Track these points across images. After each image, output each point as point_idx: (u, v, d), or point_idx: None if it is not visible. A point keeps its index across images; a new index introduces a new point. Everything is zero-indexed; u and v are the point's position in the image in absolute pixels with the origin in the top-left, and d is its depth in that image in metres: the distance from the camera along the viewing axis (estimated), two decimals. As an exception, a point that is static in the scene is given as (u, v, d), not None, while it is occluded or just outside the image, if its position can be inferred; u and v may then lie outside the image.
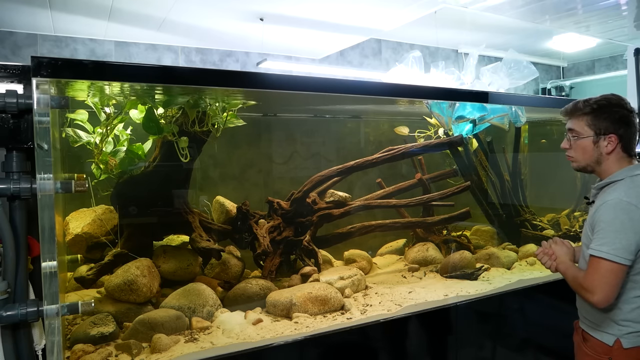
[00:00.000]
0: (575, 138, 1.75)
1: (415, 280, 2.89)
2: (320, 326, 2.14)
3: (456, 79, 3.18)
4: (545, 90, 8.08)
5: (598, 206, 1.66)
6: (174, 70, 1.97)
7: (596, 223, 1.64)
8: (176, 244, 2.62)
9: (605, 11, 5.12)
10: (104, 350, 1.88)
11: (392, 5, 4.40)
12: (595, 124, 1.71)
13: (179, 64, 5.49)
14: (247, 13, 4.52)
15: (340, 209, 2.95)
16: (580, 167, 1.80)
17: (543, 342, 2.75)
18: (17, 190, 1.42)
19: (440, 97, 2.70)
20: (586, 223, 1.76)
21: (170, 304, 2.17)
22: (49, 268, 1.47)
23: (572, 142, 1.77)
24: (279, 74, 2.09)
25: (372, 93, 2.24)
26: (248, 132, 2.92)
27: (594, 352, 1.71)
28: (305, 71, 5.91)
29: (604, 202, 1.64)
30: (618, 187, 1.66)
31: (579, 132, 1.75)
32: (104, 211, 2.50)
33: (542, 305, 2.74)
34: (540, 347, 2.76)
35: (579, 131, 1.75)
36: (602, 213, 1.62)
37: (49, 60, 1.45)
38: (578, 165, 1.79)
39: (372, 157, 2.98)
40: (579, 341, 1.81)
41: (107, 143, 2.33)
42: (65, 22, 4.62)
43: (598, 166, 1.75)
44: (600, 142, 1.71)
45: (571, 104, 1.78)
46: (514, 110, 3.12)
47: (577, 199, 3.95)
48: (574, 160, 1.79)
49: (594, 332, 1.73)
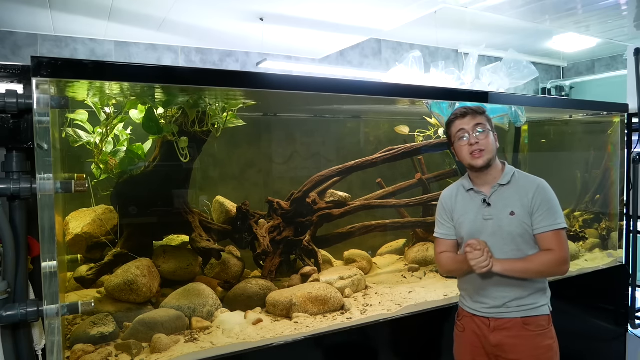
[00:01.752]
0: (484, 132, 1.84)
1: (415, 280, 2.89)
2: (320, 326, 2.14)
3: (456, 79, 3.18)
4: (545, 90, 8.08)
5: (527, 191, 1.82)
6: (174, 70, 1.97)
7: (540, 205, 1.79)
8: (176, 244, 2.61)
9: (605, 11, 5.12)
10: (104, 350, 1.88)
11: (392, 5, 4.40)
12: (491, 122, 1.89)
13: (179, 64, 5.49)
14: (247, 13, 4.52)
15: (340, 209, 2.95)
16: (489, 160, 1.84)
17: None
18: (17, 190, 1.42)
19: (440, 97, 2.70)
20: (510, 211, 1.83)
21: (170, 304, 2.17)
22: (49, 268, 1.46)
23: (479, 135, 1.83)
24: (279, 74, 2.08)
25: (372, 93, 2.23)
26: (248, 132, 2.92)
27: (540, 329, 1.83)
28: (305, 71, 5.91)
29: (537, 186, 1.82)
30: (523, 173, 1.90)
31: (486, 126, 1.85)
32: (104, 211, 2.50)
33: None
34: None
35: (486, 125, 1.85)
36: (543, 195, 1.80)
37: (49, 60, 1.45)
38: (488, 158, 1.83)
39: (372, 157, 2.98)
40: (514, 334, 1.82)
41: (107, 143, 2.33)
42: (65, 22, 4.62)
43: (495, 160, 1.87)
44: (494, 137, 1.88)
45: (465, 107, 1.88)
46: (514, 110, 3.11)
47: (577, 198, 3.95)
48: (486, 153, 1.82)
49: (534, 311, 1.83)
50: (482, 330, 1.88)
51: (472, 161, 1.83)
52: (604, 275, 3.18)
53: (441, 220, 1.99)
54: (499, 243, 1.82)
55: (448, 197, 1.99)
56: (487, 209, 1.85)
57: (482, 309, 1.88)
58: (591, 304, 3.12)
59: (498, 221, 1.83)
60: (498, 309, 1.85)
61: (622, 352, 3.25)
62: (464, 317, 1.96)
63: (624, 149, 3.35)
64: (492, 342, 1.84)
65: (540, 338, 1.82)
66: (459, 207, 1.93)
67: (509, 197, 1.84)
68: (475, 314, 1.90)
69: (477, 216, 1.87)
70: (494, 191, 1.86)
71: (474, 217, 1.88)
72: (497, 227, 1.83)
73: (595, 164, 3.85)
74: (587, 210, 3.87)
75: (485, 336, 1.86)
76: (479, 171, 1.86)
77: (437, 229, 2.01)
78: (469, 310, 1.93)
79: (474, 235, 1.85)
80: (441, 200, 2.02)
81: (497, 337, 1.84)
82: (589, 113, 3.56)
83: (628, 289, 3.27)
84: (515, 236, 1.81)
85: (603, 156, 3.73)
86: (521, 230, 1.81)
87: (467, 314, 1.94)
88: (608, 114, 3.48)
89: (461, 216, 1.91)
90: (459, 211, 1.93)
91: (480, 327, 1.89)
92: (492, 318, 1.85)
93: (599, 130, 3.80)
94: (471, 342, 1.92)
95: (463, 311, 1.98)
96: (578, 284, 2.99)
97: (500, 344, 1.83)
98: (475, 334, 1.90)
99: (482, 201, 1.87)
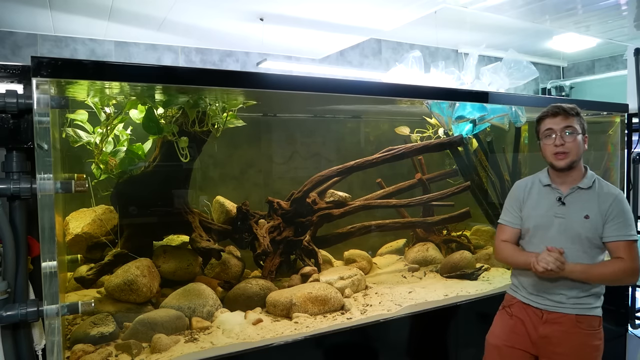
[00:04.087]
0: (572, 134, 1.87)
1: (415, 280, 2.89)
2: (320, 326, 2.14)
3: (456, 79, 3.18)
4: (545, 90, 8.07)
5: (606, 198, 1.85)
6: (174, 70, 1.96)
7: (617, 214, 1.83)
8: (176, 244, 2.61)
9: (605, 11, 5.12)
10: (104, 350, 1.88)
11: (392, 5, 4.40)
12: (582, 124, 1.91)
13: (179, 64, 5.49)
14: (247, 13, 4.52)
15: (340, 209, 2.95)
16: (571, 162, 1.88)
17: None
18: (17, 190, 1.42)
19: (440, 97, 2.70)
20: (589, 214, 1.86)
21: (170, 304, 2.17)
22: (49, 268, 1.46)
23: (567, 137, 1.86)
24: (279, 74, 2.08)
25: (372, 93, 2.23)
26: (248, 132, 2.91)
27: (591, 329, 1.86)
28: (305, 71, 5.90)
29: (615, 197, 1.85)
30: (604, 181, 1.92)
31: (576, 129, 1.87)
32: (104, 211, 2.49)
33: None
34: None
35: (576, 128, 1.87)
36: (620, 206, 1.84)
37: (49, 60, 1.45)
38: (572, 160, 1.87)
39: (372, 157, 2.98)
40: (566, 329, 1.85)
41: (107, 143, 2.33)
42: (65, 22, 4.62)
43: (579, 162, 1.91)
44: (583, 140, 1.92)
45: (558, 106, 1.89)
46: (514, 110, 3.12)
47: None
48: (570, 155, 1.86)
49: (588, 311, 1.86)
50: (532, 321, 1.91)
51: (555, 162, 1.87)
52: (604, 275, 3.18)
53: (509, 208, 2.03)
54: (566, 242, 1.85)
55: (522, 187, 2.02)
56: (561, 208, 1.88)
57: (538, 300, 1.91)
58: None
59: (569, 221, 1.86)
60: (554, 303, 1.88)
61: (622, 352, 3.25)
62: (516, 305, 1.98)
63: (624, 149, 3.35)
64: (542, 333, 1.87)
65: (590, 338, 1.85)
66: (532, 200, 1.96)
67: (587, 201, 1.87)
68: (530, 304, 1.93)
69: (549, 212, 1.90)
70: (571, 192, 1.89)
71: (544, 212, 1.91)
72: (567, 226, 1.86)
73: (595, 164, 3.85)
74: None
75: (535, 326, 1.89)
76: (560, 171, 1.89)
77: (504, 216, 2.05)
78: (523, 300, 1.96)
79: (540, 229, 1.90)
80: (514, 189, 2.06)
81: (548, 329, 1.87)
82: (589, 113, 3.56)
83: (628, 289, 3.27)
84: (584, 238, 1.84)
85: (603, 156, 3.73)
86: (591, 235, 1.84)
87: (521, 302, 1.96)
88: (608, 114, 3.48)
89: (532, 209, 1.95)
90: (530, 204, 1.96)
91: (531, 317, 1.91)
92: (547, 311, 1.88)
93: (599, 130, 3.80)
94: (516, 329, 1.94)
95: (515, 299, 2.00)
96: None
97: (549, 335, 1.86)
98: (523, 322, 1.93)
99: (557, 199, 1.90)
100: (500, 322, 2.03)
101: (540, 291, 1.91)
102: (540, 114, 1.94)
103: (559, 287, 1.87)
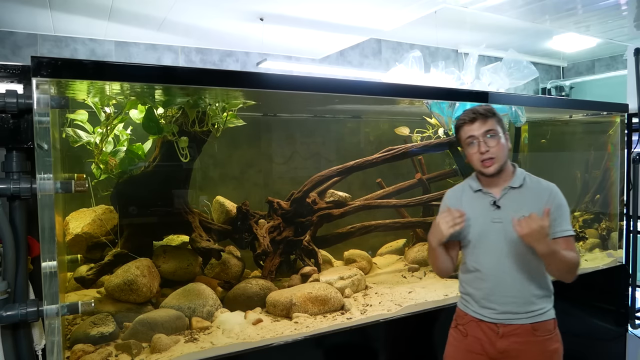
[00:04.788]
0: (495, 137, 1.77)
1: (415, 280, 2.89)
2: (320, 326, 2.14)
3: (456, 79, 3.17)
4: (545, 90, 8.07)
5: (542, 194, 1.80)
6: (174, 70, 1.97)
7: (555, 210, 1.76)
8: (176, 244, 2.61)
9: (605, 11, 5.12)
10: (104, 350, 1.88)
11: (392, 5, 4.40)
12: (501, 123, 1.82)
13: (179, 64, 5.49)
14: (247, 13, 4.52)
15: (340, 209, 2.95)
16: (500, 167, 1.78)
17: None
18: (17, 190, 1.42)
19: (440, 97, 2.70)
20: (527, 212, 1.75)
21: (170, 304, 2.17)
22: (49, 268, 1.46)
23: (489, 141, 1.76)
24: (279, 74, 2.08)
25: (372, 93, 2.23)
26: (248, 132, 2.92)
27: (547, 333, 1.80)
28: (305, 71, 5.91)
29: (550, 191, 1.80)
30: (535, 177, 1.86)
31: (497, 131, 1.77)
32: (104, 211, 2.49)
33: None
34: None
35: (497, 130, 1.78)
36: (557, 200, 1.79)
37: (49, 60, 1.45)
38: (500, 165, 1.78)
39: (372, 157, 2.98)
40: (523, 340, 1.77)
41: (107, 143, 2.33)
42: (65, 22, 4.62)
43: (506, 163, 1.82)
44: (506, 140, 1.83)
45: (474, 110, 1.81)
46: (514, 110, 3.11)
47: (577, 198, 3.95)
48: (497, 160, 1.76)
49: (542, 316, 1.80)
50: (488, 337, 1.80)
51: (483, 169, 1.78)
52: (604, 275, 3.18)
53: None
54: (508, 247, 1.77)
55: (453, 197, 1.93)
56: (497, 212, 1.80)
57: (490, 314, 1.80)
58: (591, 304, 3.12)
59: (508, 224, 1.74)
60: (507, 315, 1.78)
61: (622, 352, 3.25)
62: (469, 323, 1.86)
63: (624, 149, 3.35)
64: (499, 348, 1.78)
65: (548, 343, 1.79)
66: (465, 209, 1.83)
67: (521, 200, 1.79)
68: (483, 320, 1.82)
69: (485, 219, 1.81)
70: (504, 194, 1.81)
71: (482, 219, 1.82)
72: (506, 231, 1.76)
73: (595, 164, 3.85)
74: (587, 210, 3.87)
75: (492, 342, 1.79)
76: (490, 177, 1.81)
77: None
78: (476, 315, 1.84)
79: (481, 238, 1.81)
80: (445, 201, 1.96)
81: (505, 344, 1.77)
82: (589, 113, 3.56)
83: (628, 289, 3.27)
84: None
85: (603, 156, 3.74)
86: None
87: (473, 319, 1.85)
88: (608, 114, 3.48)
89: (468, 218, 1.82)
90: (465, 213, 1.83)
91: (486, 333, 1.81)
92: (501, 324, 1.79)
93: (599, 130, 3.80)
94: (472, 349, 1.83)
95: (467, 315, 1.88)
96: (578, 284, 2.98)
97: (508, 349, 1.77)
98: (478, 340, 1.82)
99: (492, 203, 1.81)
100: (454, 342, 1.91)
101: (490, 301, 1.80)
102: (457, 122, 1.85)
103: (507, 293, 1.77)
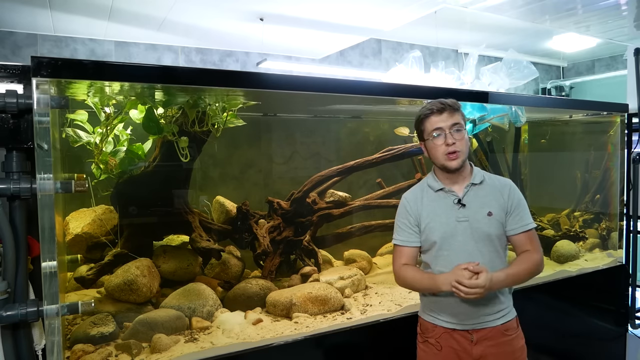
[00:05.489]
0: (461, 132, 1.72)
1: (415, 280, 2.88)
2: (320, 326, 2.14)
3: (456, 79, 3.17)
4: (545, 90, 8.08)
5: (502, 190, 1.76)
6: (174, 70, 1.97)
7: (516, 205, 1.75)
8: (176, 244, 2.61)
9: (605, 11, 5.13)
10: (104, 350, 1.88)
11: (392, 5, 4.40)
12: (464, 118, 1.77)
13: (179, 64, 5.49)
14: (247, 13, 4.52)
15: (340, 209, 2.95)
16: (463, 162, 1.74)
17: (540, 342, 2.75)
18: (17, 190, 1.42)
19: (440, 97, 2.69)
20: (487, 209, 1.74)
21: (170, 304, 2.17)
22: (49, 268, 1.46)
23: (456, 134, 1.70)
24: (279, 74, 2.08)
25: (372, 93, 2.23)
26: (248, 132, 2.92)
27: (514, 332, 1.78)
28: (305, 71, 5.91)
29: (510, 186, 1.78)
30: (490, 174, 1.83)
31: (462, 124, 1.73)
32: (104, 211, 2.49)
33: (541, 305, 2.73)
34: (539, 347, 2.76)
35: (462, 124, 1.73)
36: (517, 195, 1.77)
37: (49, 60, 1.45)
38: (463, 159, 1.73)
39: (372, 157, 2.98)
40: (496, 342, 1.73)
41: (107, 143, 2.33)
42: (65, 22, 4.63)
43: (466, 161, 1.77)
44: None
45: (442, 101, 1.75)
46: (514, 110, 3.11)
47: (577, 198, 3.95)
48: (462, 154, 1.71)
49: (509, 315, 1.78)
50: (462, 345, 1.73)
51: (447, 162, 1.71)
52: (604, 275, 3.18)
53: (402, 226, 1.81)
54: (477, 246, 1.72)
55: (412, 199, 1.82)
56: (462, 210, 1.73)
57: (464, 319, 1.73)
58: (591, 304, 3.12)
59: (474, 222, 1.71)
60: (478, 319, 1.73)
61: (622, 352, 3.25)
62: (442, 335, 1.76)
63: (624, 149, 3.36)
64: (475, 355, 1.72)
65: (515, 341, 1.77)
66: (427, 210, 1.76)
67: (484, 196, 1.74)
68: (455, 328, 1.74)
69: (450, 218, 1.73)
70: (467, 191, 1.75)
71: (446, 219, 1.74)
72: (472, 229, 1.71)
73: (595, 164, 3.85)
74: (587, 210, 3.87)
75: (467, 350, 1.73)
76: (452, 172, 1.74)
77: (397, 236, 1.82)
78: (446, 325, 1.76)
79: (447, 238, 1.73)
80: (403, 204, 1.83)
81: (480, 349, 1.72)
82: (589, 113, 3.56)
83: (628, 289, 3.27)
84: (493, 237, 1.72)
85: (603, 156, 3.73)
86: (498, 232, 1.73)
87: (446, 329, 1.76)
88: (608, 114, 3.48)
89: (431, 220, 1.75)
90: (427, 215, 1.76)
91: (460, 342, 1.74)
92: (474, 330, 1.73)
93: (599, 130, 3.80)
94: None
95: (437, 327, 1.78)
96: (578, 284, 2.99)
97: (484, 354, 1.72)
98: (454, 350, 1.74)
99: (456, 202, 1.74)
100: (428, 358, 1.80)
101: (461, 305, 1.72)
102: (422, 112, 1.76)
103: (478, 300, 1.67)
